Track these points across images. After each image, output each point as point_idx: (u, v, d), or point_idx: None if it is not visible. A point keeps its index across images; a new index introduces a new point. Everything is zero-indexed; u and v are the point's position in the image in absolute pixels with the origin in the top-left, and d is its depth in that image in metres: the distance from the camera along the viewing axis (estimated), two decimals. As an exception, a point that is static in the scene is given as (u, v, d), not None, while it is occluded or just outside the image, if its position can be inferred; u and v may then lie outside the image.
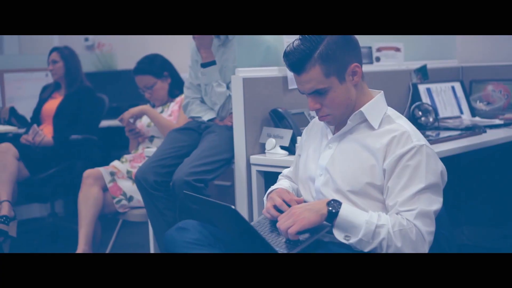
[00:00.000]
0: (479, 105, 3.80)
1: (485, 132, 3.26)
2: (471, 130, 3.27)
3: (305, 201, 2.07)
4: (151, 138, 3.68)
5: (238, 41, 3.01)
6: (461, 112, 3.74)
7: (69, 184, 4.16)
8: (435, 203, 1.90)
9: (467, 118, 3.70)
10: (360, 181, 1.95)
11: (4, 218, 3.74)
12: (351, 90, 1.99)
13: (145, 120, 3.70)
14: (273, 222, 2.02)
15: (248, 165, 2.89)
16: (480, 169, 3.74)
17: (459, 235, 3.80)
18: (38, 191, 4.18)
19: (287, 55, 1.97)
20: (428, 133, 3.30)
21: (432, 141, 3.03)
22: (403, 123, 1.98)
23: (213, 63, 3.03)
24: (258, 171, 2.87)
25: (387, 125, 1.99)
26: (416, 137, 1.94)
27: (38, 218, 5.06)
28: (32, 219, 5.04)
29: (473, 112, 3.77)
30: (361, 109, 2.00)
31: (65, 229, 4.48)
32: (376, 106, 2.02)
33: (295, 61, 1.95)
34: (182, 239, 1.94)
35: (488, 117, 3.67)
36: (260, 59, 3.04)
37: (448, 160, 2.95)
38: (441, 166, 1.97)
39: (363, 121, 2.01)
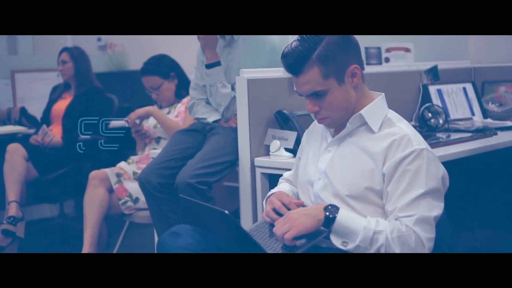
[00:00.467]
0: (491, 107, 3.74)
1: (495, 134, 3.21)
2: (482, 132, 3.21)
3: (304, 205, 2.03)
4: (158, 139, 3.66)
5: (243, 41, 2.97)
6: (473, 114, 3.68)
7: (79, 185, 4.15)
8: (436, 208, 1.85)
9: (478, 120, 3.63)
10: (359, 186, 1.91)
11: (12, 218, 3.75)
12: (350, 92, 1.95)
13: (151, 121, 3.68)
14: (272, 226, 1.99)
15: (253, 167, 2.85)
16: (492, 171, 3.68)
17: (470, 238, 3.74)
18: (46, 191, 4.18)
19: (284, 56, 1.93)
20: (439, 135, 3.26)
21: (442, 143, 2.99)
22: (403, 126, 1.94)
23: (217, 64, 3.00)
24: (263, 174, 2.84)
25: (387, 128, 1.94)
26: (417, 141, 1.89)
27: (49, 218, 5.07)
28: (43, 219, 5.04)
29: (485, 113, 3.70)
30: (361, 111, 1.95)
31: (75, 230, 4.47)
32: (376, 108, 1.97)
33: (293, 63, 1.91)
34: (174, 244, 1.91)
35: (500, 118, 3.60)
36: (266, 59, 3.01)
37: (458, 163, 2.91)
38: (442, 170, 1.92)
39: (363, 124, 1.97)
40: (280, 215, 1.96)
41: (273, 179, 2.81)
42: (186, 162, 2.89)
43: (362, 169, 1.91)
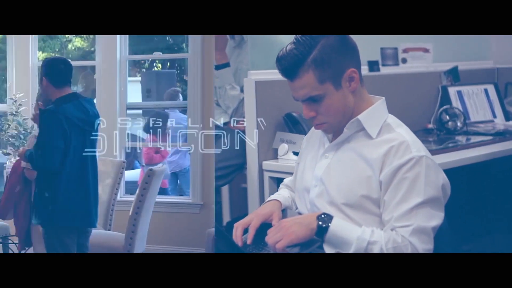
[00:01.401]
0: (514, 109, 3.63)
1: (515, 137, 3.11)
2: (501, 135, 3.11)
3: (299, 213, 1.97)
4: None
5: (252, 42, 2.92)
6: (494, 116, 3.57)
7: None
8: (435, 218, 1.77)
9: (500, 122, 3.52)
10: (356, 194, 1.83)
11: None
12: (348, 97, 1.87)
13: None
14: (263, 235, 1.91)
15: (261, 171, 2.80)
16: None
17: (490, 243, 3.64)
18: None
19: (279, 60, 1.86)
20: (458, 138, 3.18)
21: (460, 147, 2.91)
22: (402, 132, 1.85)
23: (227, 65, 2.96)
24: (271, 177, 2.79)
25: (386, 134, 1.86)
26: (416, 148, 1.81)
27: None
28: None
29: (507, 116, 3.59)
30: (358, 116, 1.88)
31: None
32: (375, 113, 1.89)
33: (287, 67, 1.84)
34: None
35: (523, 121, 3.49)
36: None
37: (478, 167, 2.82)
38: (442, 178, 1.83)
39: (361, 130, 1.89)
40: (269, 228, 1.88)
41: (281, 183, 2.76)
42: (193, 165, 2.86)
43: (359, 176, 1.84)
